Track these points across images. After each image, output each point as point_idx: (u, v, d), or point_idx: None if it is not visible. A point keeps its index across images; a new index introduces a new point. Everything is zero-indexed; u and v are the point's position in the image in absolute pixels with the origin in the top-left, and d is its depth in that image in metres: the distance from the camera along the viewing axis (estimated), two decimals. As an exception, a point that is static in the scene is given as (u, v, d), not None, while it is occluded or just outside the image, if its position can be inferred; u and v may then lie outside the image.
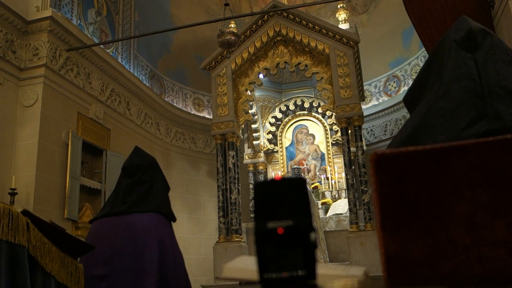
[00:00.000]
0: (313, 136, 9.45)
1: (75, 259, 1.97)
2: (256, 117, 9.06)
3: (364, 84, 8.90)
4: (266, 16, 7.94)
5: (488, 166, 0.64)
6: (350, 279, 0.74)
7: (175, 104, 9.49)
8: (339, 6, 8.81)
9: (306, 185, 0.55)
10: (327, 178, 8.81)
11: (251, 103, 8.45)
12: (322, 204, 8.30)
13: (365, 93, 9.31)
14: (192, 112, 9.82)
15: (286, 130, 9.58)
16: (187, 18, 9.27)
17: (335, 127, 8.85)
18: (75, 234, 5.75)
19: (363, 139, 7.86)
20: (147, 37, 8.33)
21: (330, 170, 8.92)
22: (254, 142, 9.27)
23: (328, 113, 8.77)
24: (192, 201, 9.20)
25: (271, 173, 9.40)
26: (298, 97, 9.63)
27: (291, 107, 9.58)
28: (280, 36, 7.95)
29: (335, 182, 8.74)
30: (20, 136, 5.77)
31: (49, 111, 5.98)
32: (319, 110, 9.19)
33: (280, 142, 9.50)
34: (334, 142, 9.16)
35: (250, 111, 8.44)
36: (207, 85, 8.88)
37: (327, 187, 8.73)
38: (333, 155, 9.14)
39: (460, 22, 1.10)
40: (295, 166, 9.03)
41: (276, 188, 0.54)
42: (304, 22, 7.75)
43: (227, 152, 7.68)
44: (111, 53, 7.56)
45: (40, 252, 1.70)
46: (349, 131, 7.39)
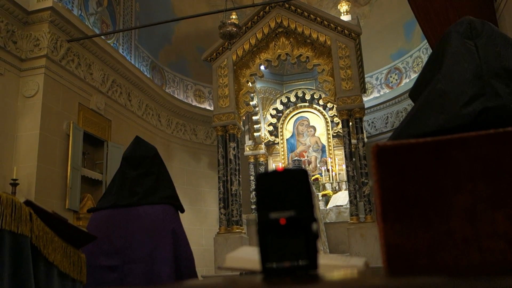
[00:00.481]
0: (314, 128, 9.44)
1: (78, 249, 1.99)
2: (257, 108, 9.06)
3: (365, 76, 8.87)
4: (267, 8, 7.91)
5: (488, 159, 0.64)
6: (351, 269, 0.74)
7: (176, 96, 9.47)
8: (341, -2, 8.76)
9: (308, 176, 0.55)
10: (328, 170, 8.82)
11: (252, 94, 8.44)
12: (322, 196, 8.32)
13: (366, 85, 9.29)
14: (193, 104, 9.81)
15: (287, 122, 9.57)
16: (188, 9, 9.24)
17: (336, 119, 8.84)
18: (76, 224, 5.78)
19: (364, 131, 7.86)
20: (148, 28, 8.30)
21: (331, 162, 8.93)
22: (255, 134, 9.27)
23: (329, 105, 8.75)
24: (193, 192, 9.22)
25: (271, 164, 9.41)
26: (299, 89, 9.61)
27: (292, 99, 9.57)
28: (281, 27, 7.91)
29: (335, 174, 8.75)
30: (21, 127, 5.77)
31: (50, 102, 5.98)
32: (320, 102, 9.17)
33: (281, 134, 9.50)
34: (335, 134, 9.16)
35: (251, 103, 8.43)
36: (208, 76, 8.86)
37: (327, 179, 8.74)
38: (333, 147, 9.14)
39: (461, 20, 1.13)
40: (295, 158, 9.03)
41: (279, 179, 0.55)
42: (305, 14, 7.72)
43: (228, 143, 7.68)
44: (112, 44, 7.54)
45: (42, 242, 1.71)
46: (350, 123, 7.38)
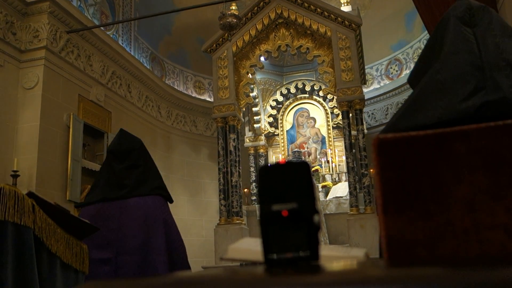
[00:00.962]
0: (314, 119, 9.44)
1: (80, 240, 2.00)
2: (257, 100, 9.05)
3: (365, 67, 8.86)
4: (267, -2, 7.87)
5: (488, 151, 0.65)
6: (352, 260, 0.75)
7: (176, 87, 9.46)
8: (341, -12, 8.71)
9: (310, 169, 0.56)
10: (328, 161, 8.84)
11: (252, 86, 8.42)
12: (322, 187, 8.35)
13: (366, 77, 9.28)
14: (193, 95, 9.79)
15: (287, 113, 9.56)
16: (188, 0, 9.18)
17: (336, 111, 8.83)
18: (77, 216, 5.80)
19: (364, 122, 7.86)
20: (148, 19, 8.26)
21: (331, 153, 8.94)
22: (255, 125, 9.27)
23: (329, 96, 8.74)
24: (193, 183, 9.24)
25: (271, 156, 9.42)
26: (299, 80, 9.59)
27: (292, 90, 9.55)
28: (281, 18, 7.88)
29: (335, 165, 8.77)
30: (22, 118, 5.77)
31: (50, 93, 5.97)
32: (320, 93, 9.16)
33: (281, 125, 9.50)
34: (335, 125, 9.16)
35: (251, 94, 8.42)
36: (208, 67, 8.83)
37: (327, 170, 8.76)
38: (333, 138, 9.15)
39: (459, 1, 1.10)
40: (295, 149, 9.04)
41: (281, 171, 0.55)
42: (306, 4, 7.68)
43: (228, 135, 7.69)
44: (111, 35, 7.51)
45: (45, 233, 1.73)
46: (350, 114, 7.38)
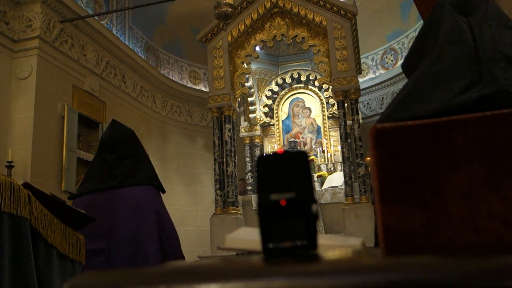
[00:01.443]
0: (310, 109, 9.44)
1: (76, 230, 2.00)
2: (252, 90, 9.02)
3: (361, 57, 8.84)
4: (263, -13, 7.81)
5: (485, 140, 0.65)
6: (349, 249, 0.76)
7: (171, 77, 9.41)
8: (337, -23, 8.65)
9: (308, 158, 0.56)
10: (323, 151, 8.85)
11: (247, 76, 8.39)
12: (317, 177, 8.37)
13: (362, 66, 9.26)
14: (188, 85, 9.76)
15: (283, 103, 9.55)
16: (182, -11, 9.10)
17: (331, 101, 8.83)
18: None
19: (360, 112, 7.87)
20: (142, 9, 8.19)
21: (326, 143, 8.95)
22: (251, 115, 9.26)
23: (324, 86, 8.73)
24: (188, 174, 9.24)
25: (267, 146, 9.43)
26: (295, 70, 9.56)
27: (288, 80, 9.53)
28: (277, 7, 7.83)
29: (331, 155, 8.78)
30: (16, 109, 5.74)
31: (44, 83, 5.93)
32: (316, 83, 9.15)
33: (277, 115, 9.49)
34: (330, 115, 9.16)
35: (246, 84, 8.39)
36: (203, 57, 8.79)
37: (323, 160, 8.78)
38: (329, 128, 9.15)
39: None
40: (291, 139, 9.05)
41: (279, 161, 0.56)
42: (301, -6, 7.64)
43: (223, 125, 7.68)
44: (105, 25, 7.45)
45: (42, 223, 1.73)
46: (346, 104, 7.38)
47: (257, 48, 8.13)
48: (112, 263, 2.18)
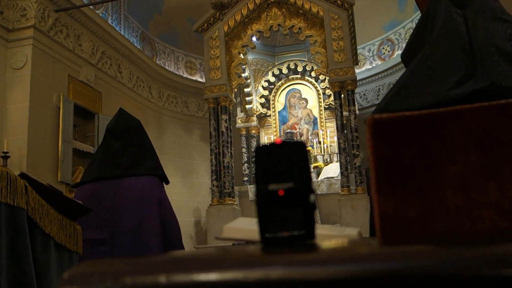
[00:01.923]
0: (306, 100, 9.43)
1: (73, 221, 2.01)
2: (249, 80, 9.00)
3: (357, 47, 8.82)
4: (259, -23, 7.76)
5: (481, 131, 0.65)
6: (346, 239, 0.77)
7: (167, 67, 9.36)
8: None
9: (306, 149, 0.56)
10: (319, 142, 8.87)
11: (244, 66, 8.37)
12: (314, 167, 8.39)
13: (358, 57, 9.25)
14: (184, 76, 9.71)
15: (279, 94, 9.54)
16: (178, -22, 9.03)
17: (328, 91, 8.82)
18: (73, 195, 5.79)
19: (356, 103, 7.87)
20: (138, -2, 8.13)
21: (323, 134, 8.96)
22: (247, 106, 9.25)
23: (321, 77, 8.72)
24: (185, 164, 9.24)
25: (263, 137, 9.43)
26: (291, 60, 9.54)
27: (284, 70, 9.51)
28: (273, -3, 7.80)
29: (327, 146, 8.80)
30: (11, 99, 5.70)
31: (39, 73, 5.89)
32: (312, 74, 9.13)
33: (273, 106, 9.48)
34: (326, 106, 9.16)
35: (243, 75, 8.37)
36: (199, 48, 8.75)
37: (319, 151, 8.79)
38: (325, 119, 9.16)
39: None
40: (287, 130, 9.06)
41: (277, 151, 0.56)
42: (298, -17, 7.59)
43: (219, 116, 7.67)
44: (101, 14, 7.39)
45: (39, 214, 1.72)
46: (342, 95, 7.38)
47: (254, 39, 8.10)
48: (115, 253, 2.19)
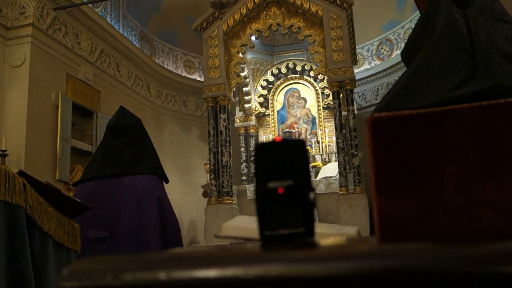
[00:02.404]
0: (305, 99, 9.43)
1: (71, 219, 2.00)
2: (247, 80, 9.00)
3: (356, 47, 8.82)
4: (258, -24, 7.75)
5: (480, 130, 0.66)
6: (345, 237, 0.77)
7: (166, 66, 9.36)
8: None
9: (306, 147, 0.56)
10: (318, 142, 8.87)
11: (242, 65, 8.36)
12: (312, 167, 8.38)
13: (357, 57, 9.25)
14: (183, 74, 9.71)
15: (278, 94, 9.54)
16: (177, -23, 9.01)
17: (326, 91, 8.82)
18: (72, 193, 5.79)
19: (355, 103, 7.88)
20: (137, -3, 8.12)
21: (321, 133, 8.96)
22: (246, 105, 9.24)
23: (320, 76, 8.72)
24: (183, 163, 9.23)
25: (262, 136, 9.43)
26: (290, 60, 9.53)
27: (283, 70, 9.51)
28: (272, -3, 7.79)
29: (325, 146, 8.80)
30: (9, 97, 5.69)
31: (38, 72, 5.88)
32: (311, 73, 9.13)
33: (272, 105, 9.48)
34: (325, 106, 9.16)
35: (241, 74, 8.37)
36: (198, 46, 8.74)
37: (317, 150, 8.79)
38: (324, 118, 9.16)
39: None
40: (286, 129, 9.05)
41: (277, 149, 0.56)
42: (297, -17, 7.59)
43: (218, 115, 7.66)
44: (99, 13, 7.38)
45: (37, 212, 1.72)
46: (341, 95, 7.38)
47: (253, 38, 8.09)
48: (114, 252, 2.18)
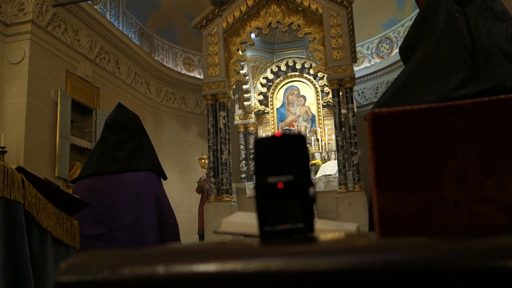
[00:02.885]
0: (304, 97, 9.43)
1: (70, 215, 2.00)
2: (247, 77, 8.99)
3: (356, 45, 8.81)
4: (258, -26, 7.73)
5: (481, 126, 0.65)
6: (345, 233, 0.76)
7: (165, 64, 9.35)
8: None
9: (306, 141, 0.56)
10: (317, 140, 8.87)
11: (242, 63, 8.35)
12: (311, 165, 8.39)
13: (357, 55, 9.24)
14: (183, 72, 9.70)
15: (277, 91, 9.53)
16: (177, -26, 9.00)
17: (326, 89, 8.82)
18: (70, 190, 5.79)
19: (354, 101, 7.87)
20: (136, -7, 8.10)
21: (321, 131, 8.96)
22: (245, 103, 9.24)
23: (319, 74, 8.71)
24: (182, 161, 9.23)
25: (261, 134, 9.43)
26: (290, 58, 9.53)
27: (283, 68, 9.50)
28: (272, -6, 7.77)
29: (325, 144, 8.80)
30: (8, 94, 5.68)
31: (37, 68, 5.87)
32: (311, 71, 9.13)
33: (271, 103, 9.47)
34: (325, 104, 9.16)
35: (241, 72, 8.36)
36: (198, 44, 8.73)
37: (317, 148, 8.80)
38: (323, 116, 9.16)
39: None
40: (285, 127, 9.05)
41: (277, 144, 0.55)
42: (297, -20, 7.57)
43: (218, 112, 7.66)
44: (99, 10, 7.36)
45: (35, 208, 1.72)
46: (340, 93, 7.38)
47: (252, 35, 8.08)
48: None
